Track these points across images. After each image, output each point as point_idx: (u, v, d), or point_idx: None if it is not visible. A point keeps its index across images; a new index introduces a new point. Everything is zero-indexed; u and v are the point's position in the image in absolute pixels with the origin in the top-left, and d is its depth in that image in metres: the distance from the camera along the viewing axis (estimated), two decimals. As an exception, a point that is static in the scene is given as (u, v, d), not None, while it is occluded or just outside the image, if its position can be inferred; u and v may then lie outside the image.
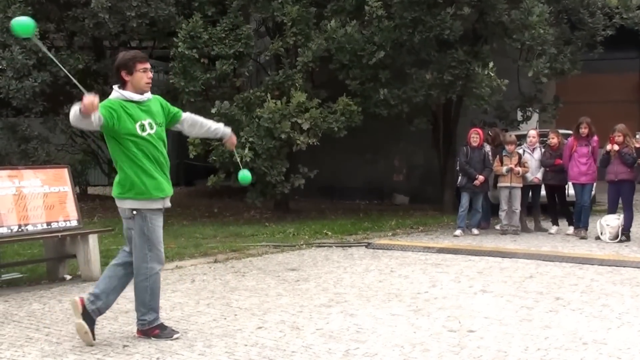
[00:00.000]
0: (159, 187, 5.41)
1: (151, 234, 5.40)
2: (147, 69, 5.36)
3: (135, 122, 5.27)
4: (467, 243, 10.45)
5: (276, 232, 11.77)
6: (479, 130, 11.58)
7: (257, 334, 5.62)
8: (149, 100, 5.43)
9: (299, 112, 12.33)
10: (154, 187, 5.37)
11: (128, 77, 5.30)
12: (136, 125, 5.27)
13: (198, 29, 12.66)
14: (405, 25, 12.02)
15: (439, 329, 5.66)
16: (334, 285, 7.51)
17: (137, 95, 5.32)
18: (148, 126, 5.33)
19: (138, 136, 5.29)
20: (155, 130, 5.38)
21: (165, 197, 5.50)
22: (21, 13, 12.49)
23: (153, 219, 5.41)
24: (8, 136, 12.65)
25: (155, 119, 5.40)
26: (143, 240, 5.40)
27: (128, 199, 5.39)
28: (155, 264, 5.47)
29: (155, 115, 5.42)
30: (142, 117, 5.32)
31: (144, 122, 5.31)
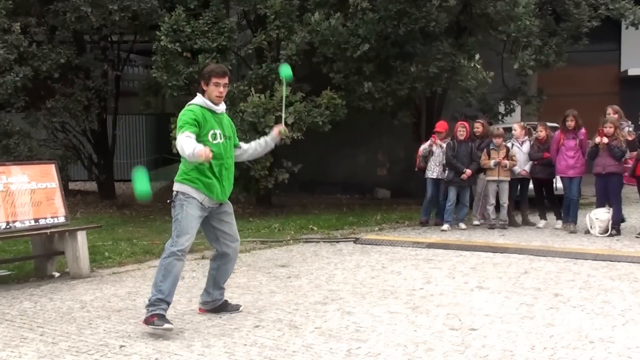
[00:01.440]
0: (209, 187, 5.72)
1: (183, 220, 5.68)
2: (220, 84, 5.72)
3: (209, 129, 5.65)
4: (456, 238, 10.43)
5: (261, 228, 11.68)
6: (466, 124, 11.55)
7: (255, 333, 5.56)
8: (223, 113, 5.90)
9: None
10: (205, 185, 5.70)
11: (205, 87, 5.76)
12: (209, 133, 5.65)
13: (181, 22, 12.49)
14: (390, 18, 11.94)
15: (440, 327, 5.61)
16: (327, 282, 7.46)
17: (214, 105, 5.75)
18: (219, 136, 5.73)
19: (208, 142, 5.59)
20: (224, 141, 5.77)
21: (209, 196, 5.75)
22: (2, 7, 12.26)
23: (191, 207, 5.69)
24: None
25: (224, 132, 5.80)
26: (176, 224, 5.70)
27: (177, 182, 5.79)
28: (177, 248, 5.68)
29: (225, 128, 5.84)
30: (215, 126, 5.71)
31: (216, 131, 5.70)
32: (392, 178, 16.40)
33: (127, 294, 7.10)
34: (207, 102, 5.75)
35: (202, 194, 5.72)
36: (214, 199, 5.78)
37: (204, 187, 5.70)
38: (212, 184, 5.73)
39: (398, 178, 15.76)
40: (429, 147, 11.57)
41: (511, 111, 14.32)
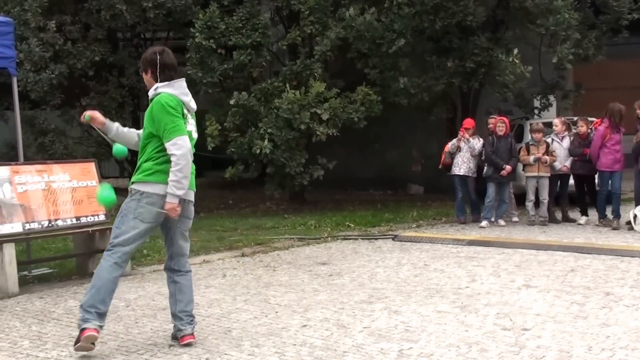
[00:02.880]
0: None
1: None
2: None
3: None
4: (496, 235, 10.28)
5: (297, 224, 11.63)
6: (505, 119, 11.39)
7: (303, 332, 5.49)
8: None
9: (318, 102, 12.15)
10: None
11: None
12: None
13: (215, 19, 12.46)
14: (426, 12, 11.84)
15: (492, 327, 5.50)
16: (370, 280, 7.38)
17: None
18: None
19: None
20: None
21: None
22: (37, 5, 12.29)
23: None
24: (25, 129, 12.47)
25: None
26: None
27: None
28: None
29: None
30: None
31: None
32: (425, 174, 16.27)
33: (170, 292, 7.03)
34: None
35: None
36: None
37: None
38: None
39: (431, 174, 15.61)
40: (457, 143, 11.43)
41: (548, 106, 14.11)
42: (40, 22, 12.41)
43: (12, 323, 6.02)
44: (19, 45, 12.19)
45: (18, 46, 12.27)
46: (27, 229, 7.36)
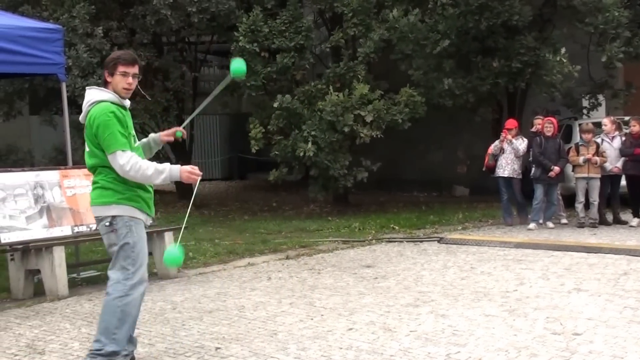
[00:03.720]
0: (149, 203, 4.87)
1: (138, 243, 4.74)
2: (129, 73, 4.63)
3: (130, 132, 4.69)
4: (545, 237, 10.12)
5: (341, 227, 11.59)
6: (553, 119, 11.20)
7: (349, 335, 5.46)
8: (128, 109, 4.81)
9: (361, 104, 12.09)
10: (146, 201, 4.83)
11: (109, 79, 4.66)
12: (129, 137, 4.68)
13: (258, 23, 12.49)
14: (471, 12, 11.68)
15: (542, 332, 5.40)
16: (415, 283, 7.31)
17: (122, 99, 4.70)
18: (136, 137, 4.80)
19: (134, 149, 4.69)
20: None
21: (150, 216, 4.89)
22: (85, 12, 12.46)
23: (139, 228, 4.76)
24: (73, 134, 12.63)
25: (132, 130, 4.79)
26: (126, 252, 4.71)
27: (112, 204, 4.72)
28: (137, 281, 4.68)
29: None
30: (132, 126, 4.76)
31: (133, 133, 4.74)
32: (471, 175, 16.08)
33: (216, 294, 7.08)
34: (118, 98, 4.65)
35: (144, 214, 4.76)
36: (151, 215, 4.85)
37: (145, 204, 4.76)
38: (150, 198, 4.83)
39: (476, 175, 15.44)
40: (500, 144, 11.26)
41: (597, 105, 13.83)
42: (87, 29, 12.55)
43: (63, 325, 6.10)
44: (67, 52, 12.40)
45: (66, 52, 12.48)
46: (76, 232, 7.47)
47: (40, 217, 7.32)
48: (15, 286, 7.24)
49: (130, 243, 4.61)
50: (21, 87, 13.84)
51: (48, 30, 8.03)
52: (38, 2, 13.27)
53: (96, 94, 4.64)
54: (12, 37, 7.50)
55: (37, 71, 8.57)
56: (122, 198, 4.63)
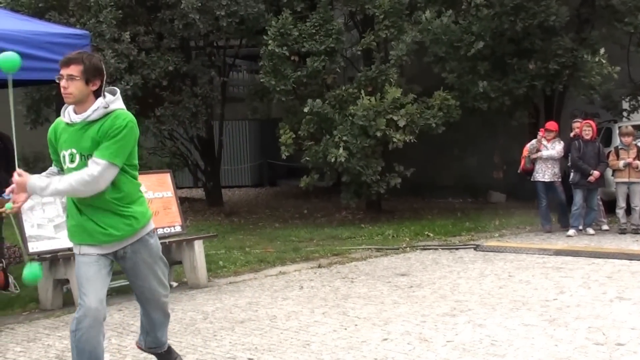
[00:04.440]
0: (70, 231, 4.31)
1: (78, 274, 4.24)
2: (62, 76, 4.10)
3: (60, 150, 4.21)
4: (585, 244, 9.84)
5: (374, 234, 11.41)
6: (592, 122, 10.90)
7: (384, 346, 5.34)
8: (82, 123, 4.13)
9: (394, 108, 11.89)
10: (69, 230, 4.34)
11: None
12: (60, 155, 4.22)
13: (288, 26, 12.36)
14: (506, 13, 11.49)
15: (583, 342, 5.22)
16: (452, 292, 7.14)
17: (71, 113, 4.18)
18: (70, 157, 4.16)
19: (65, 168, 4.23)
20: (78, 163, 4.13)
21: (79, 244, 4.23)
22: (112, 17, 12.44)
23: (79, 257, 4.25)
24: (101, 141, 12.67)
25: (81, 149, 4.13)
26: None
27: None
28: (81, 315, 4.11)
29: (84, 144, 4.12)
30: (65, 144, 4.18)
31: (65, 152, 4.17)
32: (507, 181, 15.82)
33: (247, 304, 6.95)
34: (66, 110, 4.21)
35: (75, 246, 4.27)
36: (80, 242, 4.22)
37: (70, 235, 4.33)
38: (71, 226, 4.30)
39: (513, 181, 15.18)
40: (536, 144, 10.98)
41: (637, 108, 13.50)
42: (115, 34, 12.54)
43: None
44: (94, 57, 12.44)
45: (94, 58, 12.52)
46: (104, 240, 7.32)
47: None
48: (44, 296, 7.16)
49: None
50: (48, 94, 13.84)
51: (75, 36, 7.95)
52: (65, 8, 13.28)
53: None
54: (40, 44, 7.42)
55: (64, 77, 8.50)
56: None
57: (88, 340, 4.10)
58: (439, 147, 15.13)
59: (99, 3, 12.72)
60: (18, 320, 6.73)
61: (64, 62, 4.10)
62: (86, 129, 4.11)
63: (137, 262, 4.31)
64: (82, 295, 4.12)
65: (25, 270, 4.15)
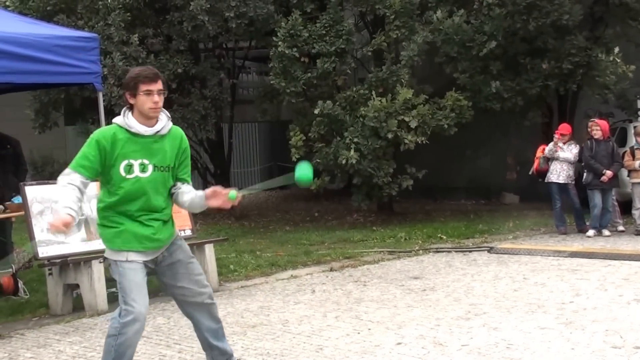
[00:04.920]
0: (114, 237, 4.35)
1: (123, 280, 4.32)
2: (153, 91, 4.26)
3: (122, 159, 4.29)
4: (600, 246, 9.72)
5: (386, 237, 11.31)
6: (599, 122, 10.77)
7: (398, 350, 5.28)
8: (157, 136, 4.34)
9: (405, 109, 11.78)
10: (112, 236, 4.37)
11: (132, 100, 4.29)
12: (121, 164, 4.28)
13: (298, 27, 12.28)
14: (519, 12, 11.37)
15: (601, 345, 5.14)
16: (466, 295, 7.05)
17: (142, 125, 4.30)
18: (139, 167, 4.30)
19: (118, 177, 4.30)
20: (153, 174, 4.32)
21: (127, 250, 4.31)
22: (120, 20, 12.40)
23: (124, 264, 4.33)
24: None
25: (154, 161, 4.32)
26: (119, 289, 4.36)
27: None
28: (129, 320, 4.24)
29: (159, 157, 4.33)
30: (133, 154, 4.29)
31: (133, 161, 4.29)
32: (520, 182, 15.68)
33: (259, 308, 6.88)
34: (130, 121, 4.28)
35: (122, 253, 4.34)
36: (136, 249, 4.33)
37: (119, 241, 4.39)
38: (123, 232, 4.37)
39: (526, 182, 15.06)
40: (555, 148, 10.85)
41: (652, 107, 13.42)
42: (123, 36, 12.50)
43: (103, 341, 5.87)
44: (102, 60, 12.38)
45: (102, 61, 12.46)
46: (114, 245, 7.27)
47: (78, 230, 7.15)
48: (54, 301, 7.14)
49: (116, 279, 4.37)
50: (57, 98, 13.82)
51: (84, 39, 7.92)
52: (73, 11, 13.27)
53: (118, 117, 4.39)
54: (48, 47, 7.40)
55: (73, 81, 8.51)
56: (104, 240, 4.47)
57: (131, 345, 4.27)
58: (451, 148, 15.02)
59: (107, 6, 12.69)
60: (28, 325, 6.70)
61: (152, 77, 4.28)
62: (159, 142, 4.34)
63: (174, 263, 4.45)
64: (131, 301, 4.22)
65: (296, 172, 4.32)
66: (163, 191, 4.38)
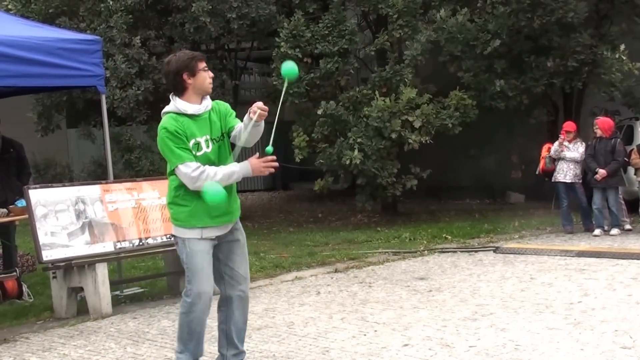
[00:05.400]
0: (187, 215, 4.56)
1: (190, 260, 4.57)
2: (207, 68, 4.63)
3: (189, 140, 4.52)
4: (608, 245, 9.63)
5: (390, 237, 11.25)
6: (599, 120, 10.69)
7: (405, 352, 5.24)
8: (204, 113, 4.61)
9: (409, 109, 11.75)
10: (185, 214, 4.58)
11: (190, 81, 4.51)
12: (189, 144, 4.52)
13: (300, 27, 12.25)
14: (523, 10, 11.33)
15: (610, 346, 5.09)
16: (472, 296, 6.99)
17: (194, 105, 4.55)
18: (204, 144, 4.56)
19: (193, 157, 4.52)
20: (214, 146, 4.60)
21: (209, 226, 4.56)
22: (123, 22, 12.37)
23: (193, 244, 4.57)
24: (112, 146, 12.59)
25: (212, 134, 4.61)
26: (185, 269, 4.64)
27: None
28: (196, 298, 4.56)
29: (214, 129, 4.62)
30: (195, 133, 4.53)
31: (199, 139, 4.54)
32: (525, 181, 15.63)
33: (264, 310, 6.83)
34: (182, 105, 4.52)
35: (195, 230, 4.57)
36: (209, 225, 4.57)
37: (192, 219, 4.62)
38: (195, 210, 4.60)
39: (531, 181, 15.01)
40: (560, 148, 10.78)
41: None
42: (125, 39, 12.48)
43: (108, 344, 5.96)
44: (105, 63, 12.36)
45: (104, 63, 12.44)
46: (119, 248, 7.28)
47: (82, 233, 7.12)
48: (58, 305, 7.09)
49: (183, 258, 4.63)
50: (59, 101, 13.79)
51: (87, 42, 7.89)
52: (75, 14, 13.25)
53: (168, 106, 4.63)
54: (51, 50, 7.38)
55: (76, 84, 8.49)
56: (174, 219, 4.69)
57: (200, 322, 4.62)
58: (456, 147, 14.96)
59: (109, 8, 12.67)
60: (32, 329, 6.67)
61: (203, 57, 4.65)
62: (210, 116, 4.61)
63: (233, 242, 4.71)
64: (198, 280, 4.52)
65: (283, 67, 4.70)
66: (225, 162, 4.59)
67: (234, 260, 4.70)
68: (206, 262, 4.55)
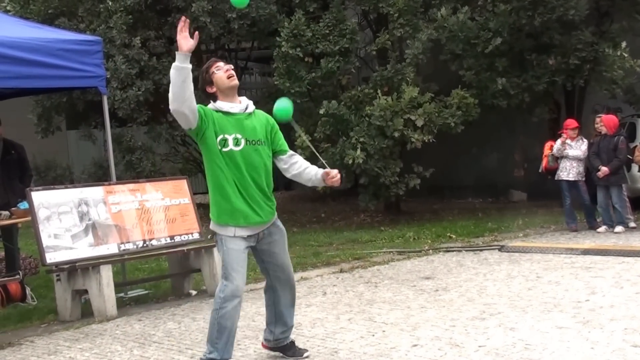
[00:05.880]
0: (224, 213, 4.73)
1: (226, 258, 4.73)
2: (221, 67, 4.86)
3: (218, 133, 4.69)
4: (613, 242, 9.57)
5: (395, 237, 11.19)
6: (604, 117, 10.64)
7: (415, 352, 5.18)
8: (244, 114, 4.80)
9: (411, 107, 11.70)
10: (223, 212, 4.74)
11: (212, 87, 4.83)
12: (217, 138, 4.68)
13: (301, 27, 12.20)
14: (524, 8, 11.32)
15: (620, 344, 5.03)
16: (479, 295, 6.92)
17: (228, 104, 4.77)
18: (233, 141, 4.69)
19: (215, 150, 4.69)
20: (245, 147, 4.71)
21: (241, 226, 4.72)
22: (122, 22, 12.32)
23: (229, 242, 4.73)
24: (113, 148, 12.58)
25: (247, 136, 4.73)
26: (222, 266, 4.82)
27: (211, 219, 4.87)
28: (228, 295, 4.68)
29: (249, 132, 4.75)
30: (228, 129, 4.69)
31: (227, 136, 4.68)
32: (528, 179, 15.60)
33: (270, 312, 6.73)
34: (219, 104, 4.76)
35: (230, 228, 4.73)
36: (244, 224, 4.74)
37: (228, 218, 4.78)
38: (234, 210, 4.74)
39: (534, 179, 14.98)
40: (563, 147, 10.74)
41: (660, 102, 13.30)
42: (125, 39, 12.44)
43: (114, 347, 5.91)
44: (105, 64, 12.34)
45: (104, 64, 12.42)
46: (123, 249, 7.25)
47: (85, 235, 7.09)
48: (63, 307, 7.04)
49: (220, 255, 4.83)
50: (59, 102, 13.74)
51: (87, 43, 7.85)
52: (74, 14, 13.21)
53: None
54: (52, 51, 7.34)
55: (77, 85, 8.46)
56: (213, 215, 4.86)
57: (231, 318, 4.71)
58: (459, 146, 14.94)
59: (108, 9, 12.64)
60: (37, 332, 6.62)
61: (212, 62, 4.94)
62: (249, 118, 4.80)
63: (273, 242, 4.92)
64: (232, 277, 4.68)
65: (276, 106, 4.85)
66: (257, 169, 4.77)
67: (276, 258, 4.98)
68: (240, 259, 4.72)
